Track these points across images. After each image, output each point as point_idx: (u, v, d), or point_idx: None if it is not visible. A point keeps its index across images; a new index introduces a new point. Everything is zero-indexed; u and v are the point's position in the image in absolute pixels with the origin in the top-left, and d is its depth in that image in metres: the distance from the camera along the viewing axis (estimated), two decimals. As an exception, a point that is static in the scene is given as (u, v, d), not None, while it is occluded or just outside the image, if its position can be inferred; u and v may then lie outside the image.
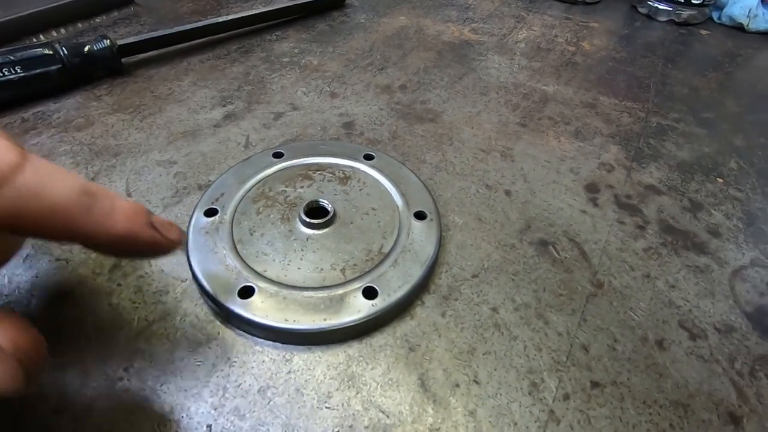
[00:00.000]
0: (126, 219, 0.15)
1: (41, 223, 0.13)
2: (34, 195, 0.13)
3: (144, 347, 0.20)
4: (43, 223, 0.13)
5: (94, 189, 0.14)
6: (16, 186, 0.12)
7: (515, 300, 0.23)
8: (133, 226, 0.15)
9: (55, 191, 0.13)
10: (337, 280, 0.21)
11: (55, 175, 0.13)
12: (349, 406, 0.18)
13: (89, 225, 0.14)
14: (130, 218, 0.15)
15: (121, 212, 0.14)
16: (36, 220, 0.13)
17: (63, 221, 0.14)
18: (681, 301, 0.23)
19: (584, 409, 0.19)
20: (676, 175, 0.31)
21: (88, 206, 0.14)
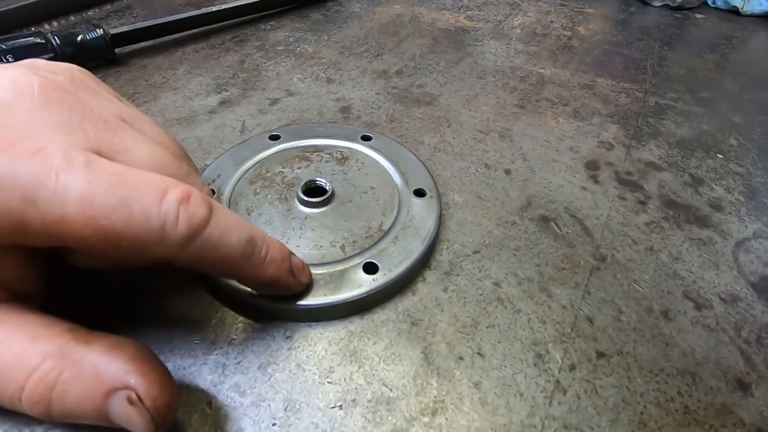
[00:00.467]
0: (274, 267, 0.17)
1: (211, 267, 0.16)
2: (212, 247, 0.15)
3: (141, 327, 0.19)
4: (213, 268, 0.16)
5: (255, 237, 0.16)
6: (202, 238, 0.14)
7: (517, 274, 0.23)
8: (277, 273, 0.17)
9: (230, 243, 0.15)
10: (336, 256, 0.21)
11: (231, 226, 0.15)
12: (351, 380, 0.18)
13: (245, 271, 0.16)
14: (278, 266, 0.17)
15: (270, 261, 0.17)
16: (207, 265, 0.15)
17: (227, 267, 0.16)
18: (685, 272, 0.23)
19: (590, 379, 0.19)
20: (676, 152, 0.31)
21: (248, 255, 0.16)
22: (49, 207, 0.13)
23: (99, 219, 0.13)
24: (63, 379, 0.13)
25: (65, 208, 0.13)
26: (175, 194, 0.14)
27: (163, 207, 0.14)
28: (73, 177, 0.13)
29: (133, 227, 0.13)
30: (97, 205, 0.13)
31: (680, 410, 0.18)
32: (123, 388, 0.13)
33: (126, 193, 0.13)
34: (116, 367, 0.14)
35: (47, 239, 0.13)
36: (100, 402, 0.13)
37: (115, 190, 0.13)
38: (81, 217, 0.13)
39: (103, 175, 0.13)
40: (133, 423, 0.13)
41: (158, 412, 0.14)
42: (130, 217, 0.13)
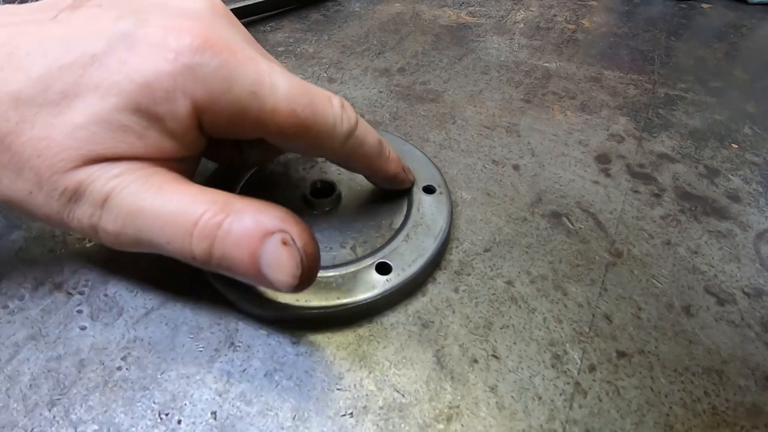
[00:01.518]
0: (395, 164, 0.22)
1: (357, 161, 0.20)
2: (361, 143, 0.19)
3: (142, 335, 0.19)
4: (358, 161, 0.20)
5: (382, 140, 0.21)
6: (355, 135, 0.19)
7: (531, 272, 0.22)
8: (397, 168, 0.22)
9: (371, 140, 0.20)
10: (348, 257, 0.20)
11: (369, 129, 0.20)
12: (361, 387, 0.17)
13: (378, 165, 0.21)
14: (397, 164, 0.22)
15: (392, 159, 0.21)
16: (355, 159, 0.20)
17: (367, 162, 0.20)
18: (705, 266, 0.22)
19: (612, 380, 0.18)
20: (689, 143, 0.30)
21: (380, 152, 0.20)
22: (266, 99, 0.16)
23: (298, 112, 0.17)
24: (228, 221, 0.15)
25: (277, 101, 0.16)
26: (337, 100, 0.18)
27: (334, 108, 0.18)
28: (278, 79, 0.16)
29: (318, 121, 0.17)
30: (296, 101, 0.17)
31: (708, 411, 0.17)
32: (279, 231, 0.15)
33: (313, 95, 0.17)
34: (273, 215, 0.15)
35: (257, 127, 0.17)
36: (256, 244, 0.14)
37: (305, 91, 0.17)
38: (286, 109, 0.16)
39: (295, 80, 0.17)
40: (282, 265, 0.14)
41: (307, 257, 0.15)
42: (315, 113, 0.17)
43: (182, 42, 0.15)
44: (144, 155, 0.16)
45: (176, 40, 0.15)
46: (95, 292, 0.20)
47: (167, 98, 0.15)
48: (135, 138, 0.16)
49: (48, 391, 0.17)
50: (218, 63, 0.15)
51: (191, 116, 0.16)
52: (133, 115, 0.15)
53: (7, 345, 0.18)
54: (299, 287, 0.15)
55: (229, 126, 0.17)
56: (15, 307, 0.19)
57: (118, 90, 0.15)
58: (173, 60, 0.15)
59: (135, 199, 0.15)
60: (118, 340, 0.18)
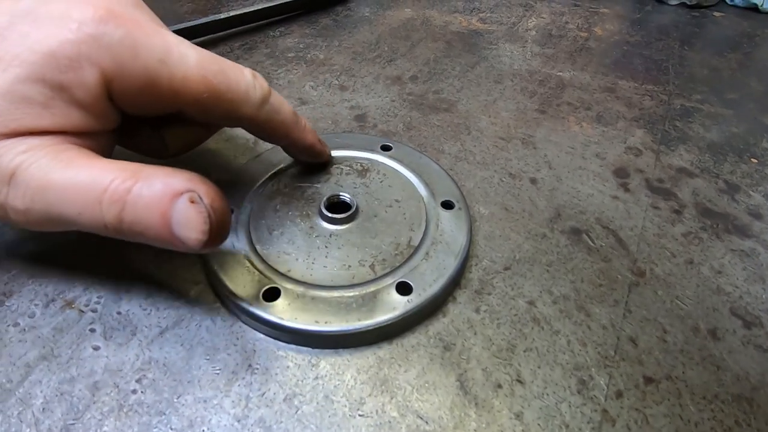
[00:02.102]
0: (312, 135, 0.23)
1: (275, 129, 0.21)
2: (276, 110, 0.20)
3: (158, 356, 0.18)
4: (276, 129, 0.21)
5: (296, 112, 0.22)
6: (270, 103, 0.20)
7: (552, 292, 0.21)
8: (314, 139, 0.23)
9: (286, 109, 0.21)
10: (367, 276, 0.19)
11: (282, 99, 0.21)
12: (384, 413, 0.17)
13: (295, 134, 0.22)
14: (313, 135, 0.23)
15: (309, 129, 0.23)
16: (273, 127, 0.21)
17: (286, 130, 0.21)
18: (730, 287, 0.22)
19: (640, 408, 0.17)
20: (707, 157, 0.30)
21: (296, 122, 0.22)
22: (176, 67, 0.17)
23: (210, 78, 0.18)
24: (138, 186, 0.15)
25: (188, 69, 0.17)
26: (248, 70, 0.20)
27: (245, 77, 0.19)
28: (187, 50, 0.17)
29: (231, 88, 0.18)
30: (207, 68, 0.18)
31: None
32: (187, 191, 0.15)
33: (223, 64, 0.18)
34: (182, 177, 0.15)
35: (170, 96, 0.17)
36: (166, 204, 0.15)
37: (215, 61, 0.18)
38: (198, 76, 0.17)
39: (204, 51, 0.18)
40: (191, 222, 0.15)
41: (215, 212, 0.15)
42: (228, 81, 0.18)
43: (85, 13, 0.16)
44: (52, 127, 0.16)
45: (79, 12, 0.16)
46: (108, 310, 0.20)
47: (72, 66, 0.15)
48: (40, 108, 0.16)
49: (61, 416, 0.16)
50: (123, 33, 0.16)
51: (99, 85, 0.16)
52: (37, 85, 0.15)
53: (19, 366, 0.18)
54: (209, 243, 0.15)
55: (142, 96, 0.17)
56: (26, 325, 0.19)
57: (20, 61, 0.15)
58: (76, 30, 0.16)
59: (43, 174, 0.15)
60: (132, 361, 0.18)
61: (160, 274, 0.21)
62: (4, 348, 0.18)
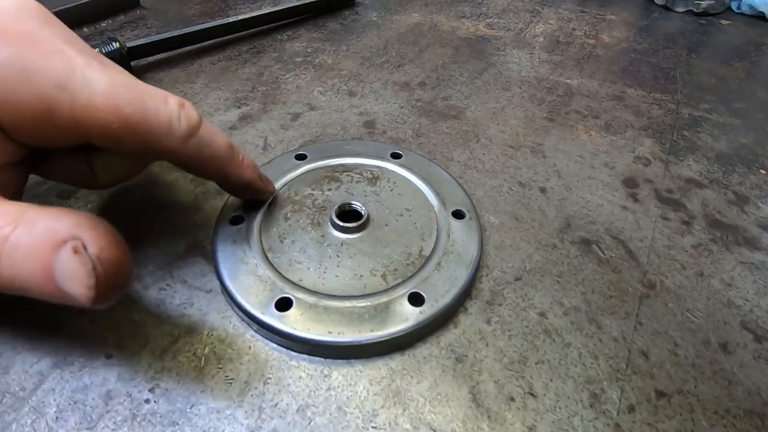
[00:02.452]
0: (250, 171, 0.20)
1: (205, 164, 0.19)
2: (206, 144, 0.18)
3: (171, 365, 0.18)
4: (206, 164, 0.19)
5: (233, 144, 0.20)
6: (198, 136, 0.18)
7: (563, 303, 0.21)
8: (253, 175, 0.21)
9: (218, 142, 0.19)
10: (379, 286, 0.19)
11: (216, 131, 0.19)
12: (397, 425, 0.17)
13: (230, 169, 0.19)
14: (252, 170, 0.21)
15: (247, 165, 0.20)
16: (203, 161, 0.18)
17: (216, 165, 0.19)
18: (740, 300, 0.22)
19: (652, 422, 0.17)
20: (716, 168, 0.30)
21: (231, 156, 0.19)
22: (78, 93, 0.15)
23: (122, 107, 0.15)
24: (16, 233, 0.13)
25: (93, 96, 0.15)
26: (174, 99, 0.17)
27: (168, 106, 0.17)
28: (95, 73, 0.15)
29: (148, 118, 0.16)
30: (119, 96, 0.15)
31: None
32: (71, 239, 0.13)
33: (140, 91, 0.16)
34: (68, 221, 0.13)
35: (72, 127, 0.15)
36: (48, 257, 0.13)
37: (131, 88, 0.16)
38: (106, 105, 0.15)
39: (117, 75, 0.16)
40: (75, 275, 0.13)
41: (103, 264, 0.13)
42: (146, 109, 0.16)
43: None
44: None
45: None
46: (120, 317, 0.20)
47: None
48: None
49: (75, 425, 0.16)
50: (10, 53, 0.14)
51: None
52: None
53: (32, 374, 0.18)
54: (99, 299, 0.13)
55: (38, 127, 0.15)
56: (39, 334, 0.19)
57: None
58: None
59: None
60: (145, 369, 0.18)
61: (173, 282, 0.21)
62: (17, 356, 0.18)
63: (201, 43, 0.40)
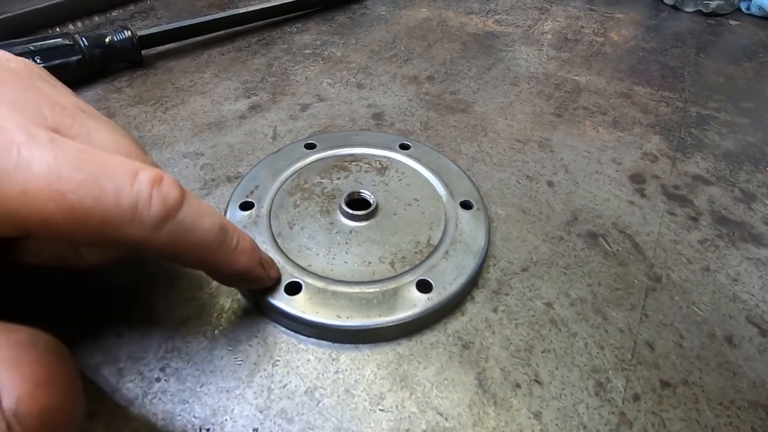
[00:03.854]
0: (246, 257, 0.16)
1: (184, 254, 0.15)
2: (187, 230, 0.14)
3: (181, 345, 0.18)
4: (185, 254, 0.15)
5: (227, 225, 0.16)
6: (176, 221, 0.14)
7: (570, 295, 0.21)
8: (249, 263, 0.17)
9: (203, 227, 0.15)
10: (387, 273, 0.20)
11: (203, 211, 0.15)
12: (403, 408, 0.17)
13: (218, 258, 0.16)
14: (249, 256, 0.17)
15: (241, 250, 0.16)
16: (181, 250, 0.14)
17: (200, 254, 0.15)
18: (746, 295, 0.22)
19: (657, 411, 0.18)
20: (723, 165, 0.30)
21: (221, 242, 0.15)
22: (9, 181, 0.11)
23: (66, 193, 0.12)
24: None
25: (28, 181, 0.12)
26: (147, 175, 0.13)
27: (135, 186, 0.13)
28: (36, 151, 0.12)
29: (103, 204, 0.12)
30: (64, 179, 0.12)
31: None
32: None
33: (95, 170, 0.12)
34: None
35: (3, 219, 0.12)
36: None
37: (83, 166, 0.12)
38: (46, 192, 0.12)
39: (69, 151, 0.12)
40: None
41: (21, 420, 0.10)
42: (100, 194, 0.12)
43: None
44: None
45: None
46: (130, 298, 0.20)
47: None
48: None
49: (88, 402, 0.17)
50: None
51: None
52: None
53: (44, 351, 0.18)
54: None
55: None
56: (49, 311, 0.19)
57: None
58: None
59: None
60: (155, 349, 0.18)
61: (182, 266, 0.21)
62: (29, 333, 0.18)
63: (211, 34, 0.40)
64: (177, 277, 0.21)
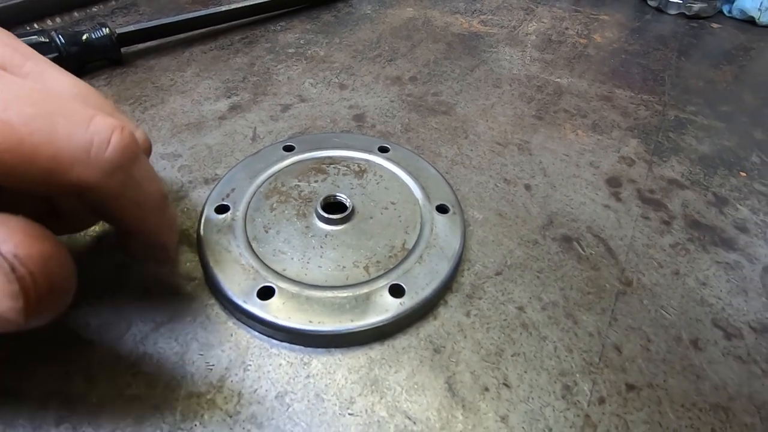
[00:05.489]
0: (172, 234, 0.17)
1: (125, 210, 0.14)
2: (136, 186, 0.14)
3: (151, 351, 0.18)
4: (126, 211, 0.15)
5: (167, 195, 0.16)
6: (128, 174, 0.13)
7: (542, 299, 0.22)
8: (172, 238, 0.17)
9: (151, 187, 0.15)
10: (360, 278, 0.20)
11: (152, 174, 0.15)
12: (373, 413, 0.17)
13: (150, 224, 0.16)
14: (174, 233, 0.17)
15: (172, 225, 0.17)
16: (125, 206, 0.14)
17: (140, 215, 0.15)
18: (713, 299, 0.23)
19: (621, 414, 0.18)
20: (698, 169, 0.30)
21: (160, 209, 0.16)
22: None
23: (15, 125, 0.11)
24: None
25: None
26: (107, 120, 0.13)
27: (91, 127, 0.12)
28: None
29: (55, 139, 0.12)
30: (12, 111, 0.11)
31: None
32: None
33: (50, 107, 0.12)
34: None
35: None
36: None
37: (35, 101, 0.12)
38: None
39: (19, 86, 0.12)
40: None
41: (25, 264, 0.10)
42: (52, 129, 0.12)
43: None
44: None
45: None
46: (102, 303, 0.20)
47: None
48: None
49: (56, 409, 0.16)
50: None
51: None
52: None
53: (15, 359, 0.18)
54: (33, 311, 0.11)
55: None
56: (21, 316, 0.19)
57: None
58: None
59: None
60: (126, 355, 0.18)
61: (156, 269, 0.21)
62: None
63: (193, 32, 0.40)
64: (150, 281, 0.21)
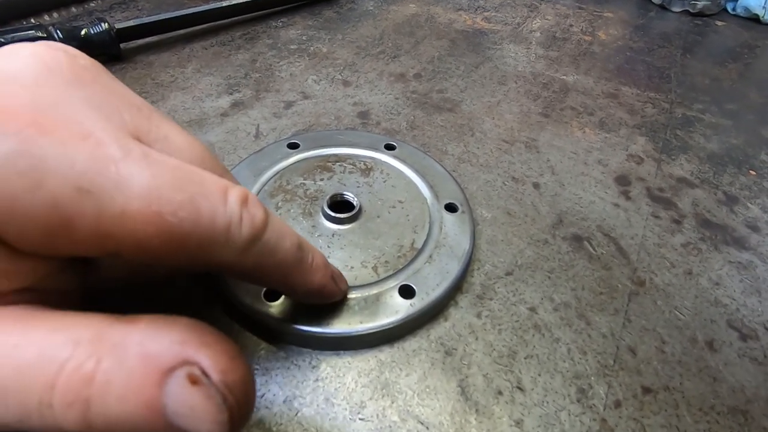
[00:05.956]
0: (320, 274, 0.16)
1: (266, 275, 0.14)
2: (271, 251, 0.13)
3: (156, 354, 0.18)
4: (267, 275, 0.14)
5: (303, 242, 0.15)
6: (262, 242, 0.13)
7: (554, 299, 0.21)
8: (323, 279, 0.16)
9: (284, 247, 0.14)
10: (369, 278, 0.19)
11: (284, 231, 0.14)
12: (384, 417, 0.17)
13: (296, 278, 0.15)
14: (323, 273, 0.16)
15: (316, 267, 0.16)
16: (265, 272, 0.14)
17: (280, 275, 0.15)
18: (727, 299, 0.22)
19: (638, 417, 0.18)
20: (707, 168, 0.30)
21: (300, 261, 0.15)
22: (109, 199, 0.10)
23: (166, 215, 0.11)
24: (103, 368, 0.10)
25: (128, 202, 0.11)
26: (236, 194, 0.13)
27: (228, 207, 0.12)
28: (134, 168, 0.11)
29: (201, 227, 0.12)
30: (164, 200, 0.11)
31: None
32: (181, 364, 0.10)
33: (193, 190, 0.12)
34: (169, 339, 0.10)
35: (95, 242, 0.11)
36: (153, 392, 0.10)
37: (182, 185, 0.11)
38: (145, 213, 0.11)
39: (165, 168, 0.12)
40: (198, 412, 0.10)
41: (232, 391, 0.10)
42: (198, 216, 0.11)
43: None
44: None
45: None
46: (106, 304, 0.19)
47: None
48: None
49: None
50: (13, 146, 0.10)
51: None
52: None
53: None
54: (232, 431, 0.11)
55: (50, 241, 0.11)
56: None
57: None
58: None
59: None
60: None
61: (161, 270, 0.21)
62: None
63: (193, 27, 0.39)
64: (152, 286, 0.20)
